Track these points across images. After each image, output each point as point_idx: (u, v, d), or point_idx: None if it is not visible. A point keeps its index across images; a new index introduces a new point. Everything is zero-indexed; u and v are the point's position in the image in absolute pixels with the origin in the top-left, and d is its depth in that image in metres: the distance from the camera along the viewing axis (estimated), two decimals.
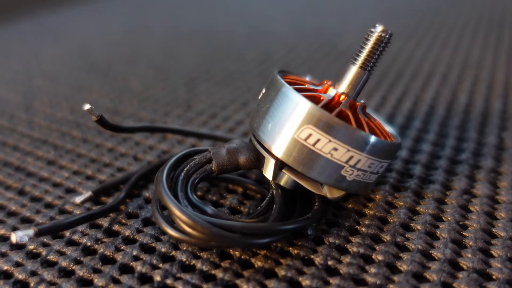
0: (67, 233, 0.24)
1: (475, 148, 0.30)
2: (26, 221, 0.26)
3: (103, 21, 0.69)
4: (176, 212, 0.20)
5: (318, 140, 0.21)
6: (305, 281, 0.20)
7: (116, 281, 0.21)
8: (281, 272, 0.21)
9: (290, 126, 0.21)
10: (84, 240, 0.23)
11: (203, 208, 0.21)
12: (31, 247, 0.23)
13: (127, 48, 0.56)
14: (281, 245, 0.22)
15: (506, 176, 0.27)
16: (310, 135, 0.21)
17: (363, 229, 0.23)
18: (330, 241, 0.22)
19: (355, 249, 0.22)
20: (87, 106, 0.23)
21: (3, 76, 0.48)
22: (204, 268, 0.21)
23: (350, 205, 0.25)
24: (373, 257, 0.21)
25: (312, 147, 0.21)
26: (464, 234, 0.23)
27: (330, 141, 0.21)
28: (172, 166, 0.23)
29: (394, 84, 0.42)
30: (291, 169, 0.22)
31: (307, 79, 0.27)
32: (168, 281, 0.20)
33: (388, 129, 0.26)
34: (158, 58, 0.52)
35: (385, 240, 0.22)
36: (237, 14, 0.72)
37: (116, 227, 0.24)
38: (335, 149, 0.21)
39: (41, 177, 0.29)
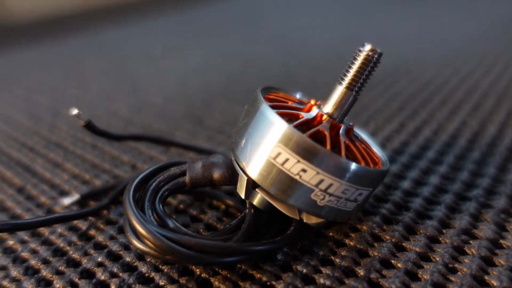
0: (46, 232, 0.24)
1: (490, 185, 0.27)
2: (17, 218, 0.27)
3: (147, 37, 0.73)
4: (133, 222, 0.20)
5: (286, 160, 0.20)
6: None
7: (73, 284, 0.21)
8: None
9: (262, 144, 0.20)
10: (59, 241, 0.24)
11: (165, 221, 0.21)
12: (11, 242, 0.24)
13: (162, 64, 0.58)
14: (246, 267, 0.21)
15: None
16: (279, 153, 0.20)
17: (337, 260, 0.21)
18: (298, 269, 0.21)
19: (322, 280, 0.20)
20: (74, 111, 0.24)
21: (43, 83, 0.52)
22: (161, 282, 0.20)
23: (331, 233, 0.23)
24: None
25: (280, 167, 0.20)
26: (450, 278, 0.20)
27: (298, 161, 0.19)
28: (145, 176, 0.23)
29: (418, 111, 0.39)
30: (265, 190, 0.21)
31: (298, 96, 0.26)
32: None
33: (380, 155, 0.24)
34: (188, 74, 0.53)
35: (359, 275, 0.20)
36: (272, 36, 0.72)
37: (92, 232, 0.24)
38: (304, 171, 0.20)
39: (44, 177, 0.31)
